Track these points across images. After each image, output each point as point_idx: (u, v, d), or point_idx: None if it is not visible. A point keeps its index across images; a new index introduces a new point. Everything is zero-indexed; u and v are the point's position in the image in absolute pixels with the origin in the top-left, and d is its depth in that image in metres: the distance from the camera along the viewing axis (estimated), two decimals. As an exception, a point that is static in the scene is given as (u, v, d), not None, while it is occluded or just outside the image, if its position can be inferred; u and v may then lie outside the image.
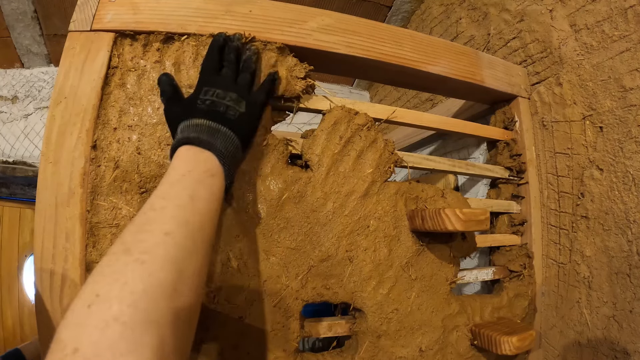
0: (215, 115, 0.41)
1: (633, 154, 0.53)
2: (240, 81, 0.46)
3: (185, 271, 0.28)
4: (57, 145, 0.45)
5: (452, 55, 0.65)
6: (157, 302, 0.25)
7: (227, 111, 0.42)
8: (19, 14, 1.36)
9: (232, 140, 0.42)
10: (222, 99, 0.42)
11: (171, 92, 0.44)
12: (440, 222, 0.49)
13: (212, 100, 0.42)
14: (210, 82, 0.44)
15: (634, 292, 0.52)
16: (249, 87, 0.46)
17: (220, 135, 0.40)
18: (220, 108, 0.42)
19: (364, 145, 0.55)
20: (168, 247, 0.28)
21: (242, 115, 0.44)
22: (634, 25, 0.53)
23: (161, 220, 0.30)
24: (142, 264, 0.26)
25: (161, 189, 0.33)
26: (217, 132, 0.40)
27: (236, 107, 0.43)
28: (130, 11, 0.48)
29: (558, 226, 0.67)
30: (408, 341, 0.55)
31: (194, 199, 0.33)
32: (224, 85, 0.44)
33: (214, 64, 0.45)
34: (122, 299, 0.23)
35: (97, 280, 0.25)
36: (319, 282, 0.52)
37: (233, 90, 0.44)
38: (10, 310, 1.82)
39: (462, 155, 1.00)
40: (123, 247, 0.27)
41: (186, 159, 0.37)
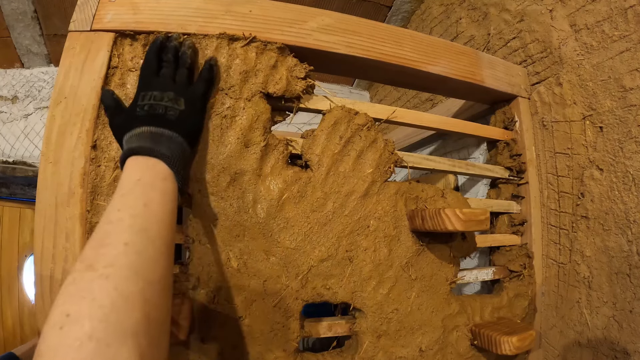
0: (155, 119, 0.41)
1: (633, 154, 0.53)
2: (178, 78, 0.45)
3: (151, 278, 0.28)
4: (57, 145, 0.45)
5: (452, 55, 0.65)
6: (128, 313, 0.25)
7: (167, 112, 0.41)
8: (19, 14, 1.36)
9: (177, 141, 0.41)
10: (159, 100, 0.42)
11: (113, 105, 0.43)
12: (440, 222, 0.49)
13: (149, 104, 0.41)
14: (147, 85, 0.43)
15: (634, 292, 0.52)
16: (187, 83, 0.45)
17: (164, 139, 0.40)
18: (159, 110, 0.41)
19: (364, 145, 0.55)
20: (130, 256, 0.28)
21: (183, 113, 0.43)
22: (634, 25, 0.53)
23: (119, 231, 0.30)
24: (107, 278, 0.26)
25: (115, 201, 0.33)
26: (160, 136, 0.40)
27: (175, 106, 0.42)
28: (130, 11, 0.48)
29: (558, 226, 0.67)
30: (408, 341, 0.55)
31: (147, 205, 0.33)
32: (161, 86, 0.43)
33: (151, 67, 0.45)
34: (92, 315, 0.23)
35: (64, 300, 0.25)
36: (319, 282, 0.52)
37: (170, 90, 0.43)
38: (10, 310, 1.82)
39: (462, 155, 1.00)
40: (86, 264, 0.27)
41: (134, 168, 0.37)
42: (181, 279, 0.47)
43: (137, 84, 0.45)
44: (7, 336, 1.80)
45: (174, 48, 0.46)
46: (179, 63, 0.46)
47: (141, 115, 0.41)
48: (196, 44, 0.49)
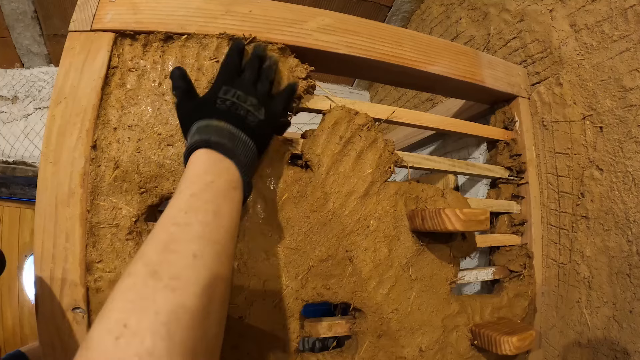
0: (236, 119, 0.39)
1: (633, 154, 0.53)
2: (260, 88, 0.43)
3: (215, 297, 0.27)
4: (57, 145, 0.45)
5: (452, 55, 0.65)
6: (191, 331, 0.23)
7: (248, 116, 0.40)
8: (19, 14, 1.36)
9: (252, 150, 0.39)
10: (243, 101, 0.40)
11: (185, 86, 0.41)
12: (440, 222, 0.49)
13: (232, 101, 0.39)
14: (230, 81, 0.41)
15: (634, 292, 0.52)
16: (268, 96, 0.44)
17: (241, 143, 0.38)
18: (241, 111, 0.39)
19: (364, 145, 0.55)
20: (199, 271, 0.26)
21: (261, 123, 0.41)
22: (634, 25, 0.53)
23: (187, 238, 0.28)
24: (173, 291, 0.24)
25: (182, 200, 0.31)
26: (237, 139, 0.38)
27: (256, 114, 0.41)
28: (130, 11, 0.48)
29: (558, 226, 0.67)
30: (408, 341, 0.55)
31: (218, 215, 0.31)
32: (245, 88, 0.41)
33: (235, 65, 0.43)
34: (155, 331, 0.22)
35: (123, 307, 0.23)
36: (319, 282, 0.52)
37: (254, 95, 0.41)
38: (10, 310, 1.82)
39: (462, 155, 1.00)
40: (149, 269, 0.25)
41: (207, 165, 0.34)
42: (181, 279, 0.47)
43: (217, 76, 0.43)
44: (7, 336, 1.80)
45: (260, 57, 0.45)
46: (263, 75, 0.45)
47: (221, 109, 0.39)
48: (196, 44, 0.49)
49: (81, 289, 0.44)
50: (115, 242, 0.45)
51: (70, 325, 0.44)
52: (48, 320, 0.43)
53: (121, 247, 0.45)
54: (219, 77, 0.43)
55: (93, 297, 0.44)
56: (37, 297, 0.43)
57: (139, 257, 0.26)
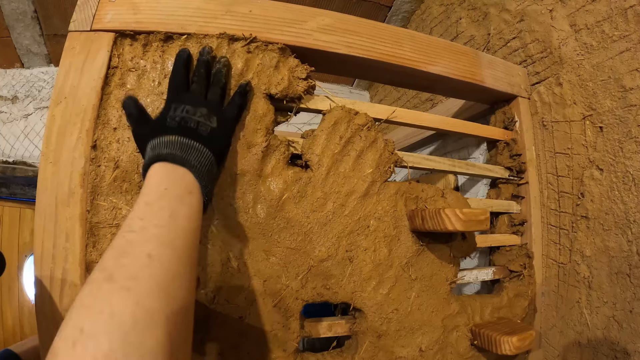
0: (186, 131, 0.40)
1: (633, 154, 0.53)
2: (210, 96, 0.44)
3: (175, 295, 0.26)
4: (57, 145, 0.45)
5: (452, 55, 0.65)
6: (150, 331, 0.23)
7: (199, 127, 0.41)
8: (19, 14, 1.36)
9: (207, 156, 0.40)
10: (192, 115, 0.41)
11: (137, 113, 0.42)
12: (440, 222, 0.49)
13: (181, 116, 0.40)
14: (178, 98, 0.42)
15: (634, 292, 0.52)
16: (220, 102, 0.45)
17: (194, 151, 0.39)
18: (191, 124, 0.40)
19: (364, 145, 0.55)
20: (154, 269, 0.26)
21: (214, 131, 0.42)
22: (634, 25, 0.53)
23: (142, 241, 0.28)
24: (128, 291, 0.23)
25: (138, 209, 0.31)
26: (190, 147, 0.39)
27: (207, 123, 0.41)
28: (130, 11, 0.48)
29: (558, 226, 0.67)
30: (408, 341, 0.55)
31: (174, 217, 0.31)
32: (194, 101, 0.42)
33: (181, 79, 0.44)
34: (111, 332, 0.21)
35: (79, 313, 0.22)
36: (319, 282, 0.52)
37: (203, 106, 0.42)
38: (10, 310, 1.82)
39: (462, 155, 1.00)
40: (105, 274, 0.24)
41: (161, 176, 0.35)
42: (181, 279, 0.47)
43: (167, 95, 0.44)
44: (7, 336, 1.80)
45: (205, 62, 0.45)
46: (213, 81, 0.45)
47: (172, 126, 0.40)
48: (196, 44, 0.49)
49: (81, 289, 0.44)
50: (115, 242, 0.45)
51: (70, 325, 0.43)
52: (48, 320, 0.43)
53: (121, 247, 0.45)
54: (168, 96, 0.43)
55: (93, 297, 0.44)
56: (37, 297, 0.43)
57: (97, 266, 0.26)
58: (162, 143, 0.38)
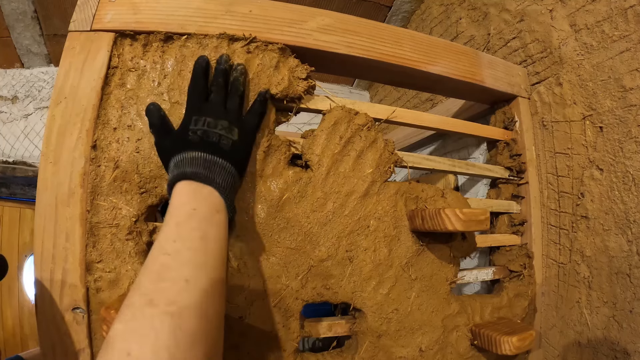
0: (209, 146, 0.40)
1: (633, 154, 0.53)
2: (230, 106, 0.44)
3: (210, 315, 0.28)
4: (57, 145, 0.45)
5: (452, 55, 0.65)
6: (192, 351, 0.25)
7: (221, 141, 0.41)
8: (19, 14, 1.36)
9: (230, 171, 0.41)
10: (213, 127, 0.41)
11: (159, 123, 0.42)
12: (440, 222, 0.49)
13: (203, 129, 0.40)
14: (199, 110, 0.42)
15: (634, 292, 0.52)
16: (239, 112, 0.45)
17: (218, 168, 0.39)
18: (213, 138, 0.40)
19: (364, 145, 0.55)
20: (192, 294, 0.28)
21: (236, 143, 0.42)
22: (634, 25, 0.53)
23: (178, 265, 0.29)
24: (171, 316, 0.25)
25: (170, 231, 0.32)
26: (214, 164, 0.39)
27: (229, 136, 0.42)
28: (130, 11, 0.48)
29: (558, 226, 0.67)
30: (408, 341, 0.55)
31: (205, 239, 0.32)
32: (214, 112, 0.42)
33: (200, 89, 0.44)
34: (157, 355, 0.23)
35: (125, 337, 0.24)
36: (319, 282, 0.52)
37: (224, 118, 0.42)
38: (10, 310, 1.82)
39: (462, 155, 1.00)
40: (145, 299, 0.26)
41: (188, 195, 0.36)
42: (181, 279, 0.47)
43: (186, 105, 0.44)
44: (7, 336, 1.80)
45: (223, 71, 0.45)
46: (231, 90, 0.45)
47: (194, 141, 0.40)
48: (196, 44, 0.49)
49: (81, 289, 0.44)
50: (115, 242, 0.45)
51: (70, 325, 0.44)
52: (48, 320, 0.43)
53: (121, 247, 0.45)
54: (188, 107, 0.44)
55: (93, 297, 0.44)
56: (37, 297, 0.43)
57: (136, 288, 0.28)
58: (186, 160, 0.38)
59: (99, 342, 0.45)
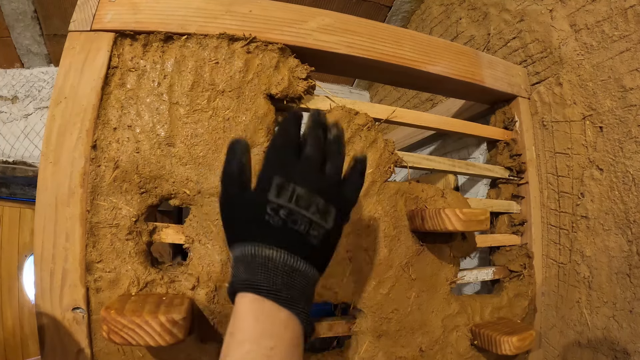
0: (292, 240, 0.29)
1: (633, 154, 0.53)
2: (329, 171, 0.32)
3: None
4: (57, 145, 0.45)
5: (452, 55, 0.65)
6: None
7: (310, 231, 0.30)
8: (19, 14, 1.35)
9: (312, 281, 0.31)
10: (304, 207, 0.30)
11: (237, 174, 0.31)
12: (440, 222, 0.49)
13: (289, 208, 0.29)
14: (284, 170, 0.30)
15: (634, 292, 0.52)
16: (338, 184, 0.33)
17: (300, 278, 0.30)
18: (301, 226, 0.29)
19: (364, 146, 0.55)
20: None
21: (328, 234, 0.31)
22: (634, 25, 0.53)
23: None
24: None
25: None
26: (295, 272, 0.29)
27: (322, 223, 0.30)
28: (130, 11, 0.48)
29: (558, 226, 0.67)
30: (408, 341, 0.55)
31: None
32: (307, 180, 0.30)
33: (290, 139, 0.32)
34: None
35: None
36: (319, 282, 0.51)
37: (320, 192, 0.30)
38: (10, 310, 1.82)
39: (462, 155, 1.00)
40: None
41: (261, 323, 0.28)
42: (181, 279, 0.47)
43: (265, 158, 0.32)
44: (7, 336, 1.80)
45: (323, 125, 0.34)
46: (332, 149, 0.33)
47: (275, 225, 0.29)
48: (196, 44, 0.49)
49: (81, 289, 0.44)
50: (115, 242, 0.45)
51: (70, 325, 0.44)
52: (48, 320, 0.43)
53: (121, 247, 0.45)
54: (267, 158, 0.32)
55: (93, 297, 0.44)
56: (37, 297, 0.43)
57: None
58: (260, 261, 0.29)
59: (99, 342, 0.45)
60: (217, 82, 0.49)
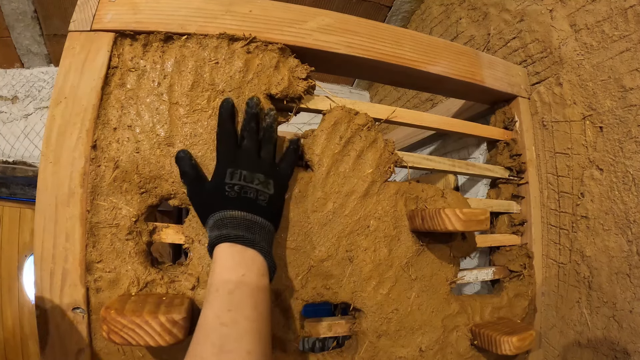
0: (247, 204, 0.40)
1: (633, 154, 0.53)
2: (264, 155, 0.43)
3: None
4: (57, 145, 0.45)
5: (452, 55, 0.65)
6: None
7: (258, 197, 0.40)
8: (19, 14, 1.36)
9: (269, 230, 0.41)
10: (250, 182, 0.40)
11: (192, 174, 0.42)
12: (440, 222, 0.49)
13: (240, 185, 0.40)
14: (233, 160, 0.41)
15: (634, 292, 0.52)
16: (274, 162, 0.44)
17: (258, 228, 0.39)
18: (250, 194, 0.40)
19: (364, 145, 0.55)
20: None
21: (272, 198, 0.42)
22: (634, 25, 0.53)
23: (237, 336, 0.31)
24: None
25: (223, 299, 0.34)
26: (254, 224, 0.39)
27: (265, 191, 0.41)
28: (131, 11, 0.48)
29: (558, 226, 0.67)
30: (408, 341, 0.55)
31: (257, 307, 0.34)
32: (249, 164, 0.41)
33: (230, 134, 0.43)
34: None
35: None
36: (319, 282, 0.52)
37: (260, 170, 0.41)
38: (10, 310, 1.82)
39: (462, 155, 1.00)
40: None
41: (234, 259, 0.37)
42: (181, 279, 0.47)
43: (218, 152, 0.43)
44: (7, 336, 1.80)
45: (255, 116, 0.44)
46: (264, 137, 0.44)
47: (232, 197, 0.40)
48: (196, 44, 0.49)
49: (81, 289, 0.44)
50: (115, 242, 0.45)
51: (70, 325, 0.44)
52: (48, 320, 0.43)
53: (121, 247, 0.45)
54: (220, 156, 0.43)
55: (93, 297, 0.44)
56: (37, 297, 0.43)
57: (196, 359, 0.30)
58: (227, 219, 0.38)
59: (99, 342, 0.45)
60: (217, 82, 0.49)
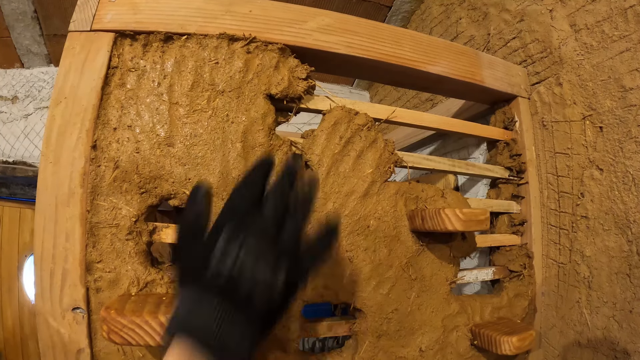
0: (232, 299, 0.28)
1: (633, 154, 0.53)
2: (289, 229, 0.30)
3: None
4: (57, 145, 0.45)
5: (452, 55, 0.65)
6: None
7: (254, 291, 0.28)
8: (19, 14, 1.35)
9: (250, 335, 0.29)
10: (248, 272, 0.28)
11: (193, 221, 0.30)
12: (440, 222, 0.49)
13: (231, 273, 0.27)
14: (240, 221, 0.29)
15: (634, 292, 0.52)
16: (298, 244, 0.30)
17: (237, 331, 0.28)
18: (242, 290, 0.28)
19: (364, 146, 0.55)
20: None
21: (272, 304, 0.29)
22: (634, 25, 0.53)
23: None
24: None
25: None
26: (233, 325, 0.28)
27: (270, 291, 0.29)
28: (131, 11, 0.48)
29: (558, 226, 0.67)
30: (408, 341, 0.55)
31: None
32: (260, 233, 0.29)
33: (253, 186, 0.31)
34: None
35: None
36: (319, 282, 0.51)
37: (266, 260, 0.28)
38: (10, 310, 1.82)
39: (462, 155, 1.00)
40: None
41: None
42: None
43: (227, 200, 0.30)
44: (7, 336, 1.80)
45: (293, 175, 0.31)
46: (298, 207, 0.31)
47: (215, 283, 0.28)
48: (196, 44, 0.49)
49: (81, 289, 0.44)
50: (115, 242, 0.45)
51: (70, 325, 0.44)
52: (48, 320, 0.43)
53: (121, 247, 0.45)
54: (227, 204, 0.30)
55: (93, 297, 0.44)
56: (37, 297, 0.43)
57: None
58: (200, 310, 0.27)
59: (99, 342, 0.45)
60: (217, 82, 0.49)
